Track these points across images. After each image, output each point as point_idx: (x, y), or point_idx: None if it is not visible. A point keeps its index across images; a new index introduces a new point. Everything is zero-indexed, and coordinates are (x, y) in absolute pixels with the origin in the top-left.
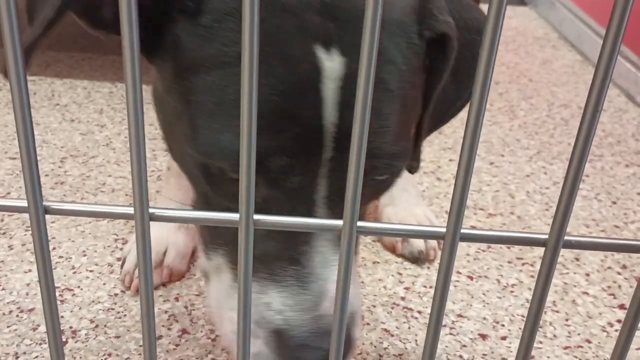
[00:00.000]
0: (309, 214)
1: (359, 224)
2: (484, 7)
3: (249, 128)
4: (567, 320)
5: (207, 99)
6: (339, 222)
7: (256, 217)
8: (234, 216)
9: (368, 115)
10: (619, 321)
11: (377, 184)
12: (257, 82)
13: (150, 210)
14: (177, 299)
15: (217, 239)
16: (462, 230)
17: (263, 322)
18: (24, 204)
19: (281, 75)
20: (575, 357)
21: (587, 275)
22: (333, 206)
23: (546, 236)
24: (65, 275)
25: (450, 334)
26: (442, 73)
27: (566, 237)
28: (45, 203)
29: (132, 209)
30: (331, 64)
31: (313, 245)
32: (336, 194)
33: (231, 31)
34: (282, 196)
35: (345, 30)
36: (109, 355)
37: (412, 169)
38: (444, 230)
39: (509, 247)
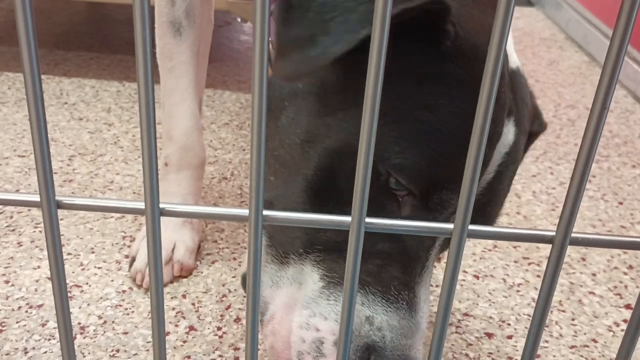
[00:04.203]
0: (429, 250)
1: (471, 227)
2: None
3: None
4: (573, 319)
5: (417, 113)
6: (347, 219)
7: (265, 212)
8: (244, 211)
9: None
10: (625, 321)
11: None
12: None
13: (161, 205)
14: (184, 296)
15: (315, 244)
16: (470, 227)
17: (355, 334)
18: (37, 198)
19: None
20: (581, 356)
21: (594, 275)
22: (445, 246)
23: (553, 233)
24: (73, 272)
25: (457, 332)
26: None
27: (573, 235)
28: (57, 198)
29: (143, 203)
30: (506, 130)
31: (423, 279)
32: (449, 239)
33: (460, 72)
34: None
35: (517, 104)
36: (117, 351)
37: None
38: (451, 227)
39: (515, 247)
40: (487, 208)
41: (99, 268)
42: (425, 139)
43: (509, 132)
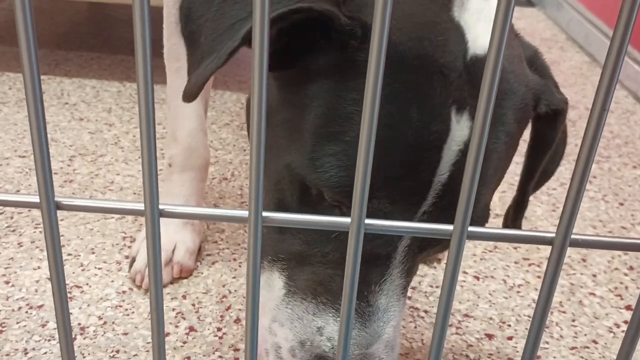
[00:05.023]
0: (388, 258)
1: (470, 228)
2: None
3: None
4: (573, 320)
5: (329, 126)
6: (347, 220)
7: (265, 214)
8: (243, 213)
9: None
10: (625, 322)
11: None
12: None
13: (160, 206)
14: (184, 297)
15: (279, 252)
16: (470, 229)
17: (308, 345)
18: (36, 199)
19: (416, 126)
20: (582, 357)
21: (594, 276)
22: (407, 260)
23: (553, 234)
24: (74, 273)
25: (457, 333)
26: (550, 144)
27: (573, 236)
28: (56, 198)
29: (143, 205)
30: (459, 127)
31: (383, 288)
32: (414, 248)
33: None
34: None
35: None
36: (117, 352)
37: None
38: (451, 228)
39: (515, 248)
40: (450, 212)
41: (99, 269)
42: (342, 149)
43: (461, 128)
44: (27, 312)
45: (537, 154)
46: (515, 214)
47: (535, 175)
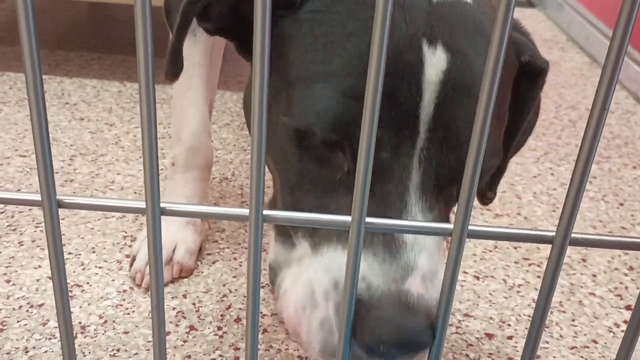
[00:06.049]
0: (401, 196)
1: (471, 227)
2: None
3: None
4: (573, 320)
5: (308, 71)
6: (347, 218)
7: (265, 212)
8: (244, 211)
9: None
10: (625, 322)
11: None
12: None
13: (162, 205)
14: (185, 296)
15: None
16: (470, 227)
17: (340, 285)
18: (38, 197)
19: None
20: (582, 357)
21: (594, 276)
22: (425, 197)
23: (553, 233)
24: (74, 272)
25: (457, 333)
26: (529, 107)
27: (573, 235)
28: (58, 197)
29: (144, 203)
30: (434, 58)
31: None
32: (429, 185)
33: (339, 14)
34: (376, 177)
35: (451, 30)
36: (118, 350)
37: (487, 201)
38: (451, 227)
39: (515, 248)
40: (449, 143)
41: (99, 268)
42: (322, 85)
43: (437, 60)
44: (27, 310)
45: (516, 116)
46: (492, 179)
47: (515, 139)
